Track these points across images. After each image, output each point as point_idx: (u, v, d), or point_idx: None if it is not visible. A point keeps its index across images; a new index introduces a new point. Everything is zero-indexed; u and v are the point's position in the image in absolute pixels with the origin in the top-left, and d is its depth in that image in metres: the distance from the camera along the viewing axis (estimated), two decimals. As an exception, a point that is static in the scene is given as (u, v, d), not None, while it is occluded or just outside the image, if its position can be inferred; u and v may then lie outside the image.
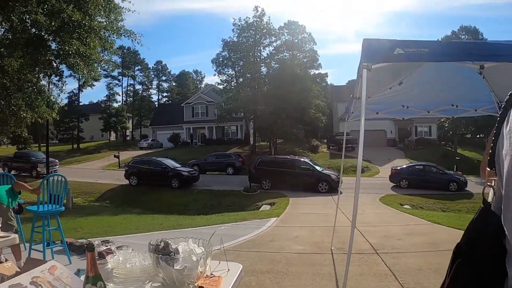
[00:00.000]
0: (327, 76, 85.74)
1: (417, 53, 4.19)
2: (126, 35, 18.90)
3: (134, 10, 18.55)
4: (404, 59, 4.32)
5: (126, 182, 32.71)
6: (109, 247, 7.27)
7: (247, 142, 58.87)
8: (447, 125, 52.70)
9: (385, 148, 54.14)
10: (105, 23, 18.04)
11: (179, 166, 33.36)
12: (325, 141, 59.33)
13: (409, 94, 7.35)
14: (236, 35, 56.89)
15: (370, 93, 6.67)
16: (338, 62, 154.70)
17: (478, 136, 59.72)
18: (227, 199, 26.00)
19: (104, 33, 17.97)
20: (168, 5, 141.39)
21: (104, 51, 18.86)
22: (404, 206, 21.82)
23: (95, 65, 18.26)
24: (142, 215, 20.03)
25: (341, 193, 12.29)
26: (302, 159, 31.62)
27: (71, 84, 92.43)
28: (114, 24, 18.30)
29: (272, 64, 57.66)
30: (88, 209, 23.76)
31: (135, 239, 10.33)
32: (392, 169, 32.05)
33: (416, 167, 32.13)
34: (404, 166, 32.33)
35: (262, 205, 22.65)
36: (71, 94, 73.73)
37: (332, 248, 9.30)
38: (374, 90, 6.56)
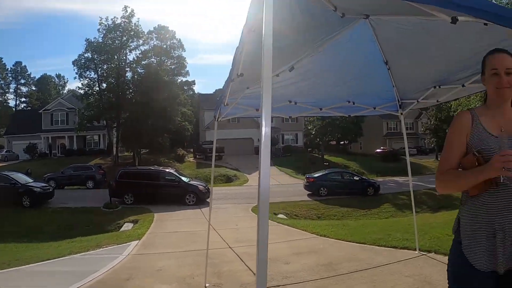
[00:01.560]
0: (194, 84, 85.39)
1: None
2: None
3: None
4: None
5: (-31, 201, 28.46)
6: None
7: (110, 153, 55.84)
8: (313, 132, 53.93)
9: (253, 156, 54.42)
10: None
11: (31, 181, 29.83)
12: (192, 150, 58.21)
13: (299, 85, 6.03)
14: (102, 35, 53.67)
15: (251, 82, 5.26)
16: (207, 72, 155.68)
17: (342, 142, 62.56)
18: (85, 218, 23.43)
19: None
20: (37, 3, 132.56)
21: None
22: (279, 216, 21.14)
23: None
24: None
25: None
26: (167, 170, 29.91)
27: None
28: None
29: (138, 69, 55.23)
30: None
31: None
32: (307, 177, 31.87)
33: (333, 174, 32.76)
34: (321, 174, 32.22)
35: (124, 223, 20.66)
36: None
37: (207, 285, 7.41)
38: (255, 77, 4.98)
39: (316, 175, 31.95)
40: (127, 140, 49.67)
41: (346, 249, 10.21)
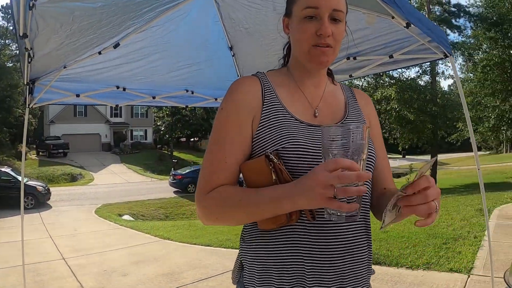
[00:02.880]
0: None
1: None
2: None
3: None
4: None
5: None
6: None
7: None
8: (163, 128, 53.41)
9: (99, 153, 52.88)
10: None
11: None
12: (35, 146, 54.30)
13: (128, 68, 5.01)
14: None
15: (70, 58, 4.25)
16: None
17: (192, 139, 62.80)
18: None
19: None
20: None
21: None
22: (124, 217, 20.15)
23: None
24: None
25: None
26: (2, 169, 27.09)
27: None
28: None
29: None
30: None
31: None
32: (173, 174, 30.75)
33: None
34: (188, 170, 31.02)
35: (-49, 235, 18.16)
36: None
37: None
38: (71, 53, 4.10)
39: (184, 172, 31.27)
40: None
41: (190, 254, 9.69)
